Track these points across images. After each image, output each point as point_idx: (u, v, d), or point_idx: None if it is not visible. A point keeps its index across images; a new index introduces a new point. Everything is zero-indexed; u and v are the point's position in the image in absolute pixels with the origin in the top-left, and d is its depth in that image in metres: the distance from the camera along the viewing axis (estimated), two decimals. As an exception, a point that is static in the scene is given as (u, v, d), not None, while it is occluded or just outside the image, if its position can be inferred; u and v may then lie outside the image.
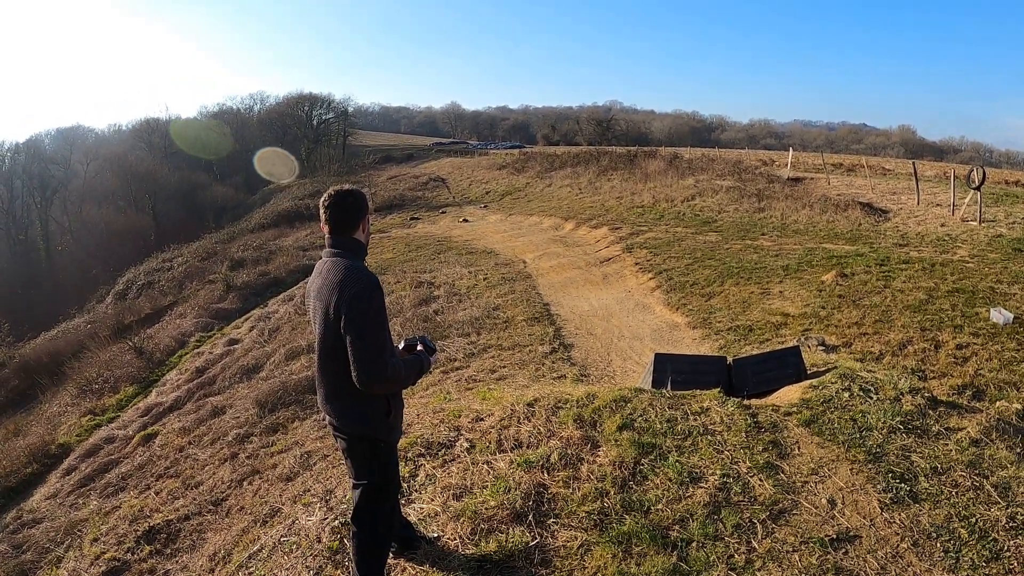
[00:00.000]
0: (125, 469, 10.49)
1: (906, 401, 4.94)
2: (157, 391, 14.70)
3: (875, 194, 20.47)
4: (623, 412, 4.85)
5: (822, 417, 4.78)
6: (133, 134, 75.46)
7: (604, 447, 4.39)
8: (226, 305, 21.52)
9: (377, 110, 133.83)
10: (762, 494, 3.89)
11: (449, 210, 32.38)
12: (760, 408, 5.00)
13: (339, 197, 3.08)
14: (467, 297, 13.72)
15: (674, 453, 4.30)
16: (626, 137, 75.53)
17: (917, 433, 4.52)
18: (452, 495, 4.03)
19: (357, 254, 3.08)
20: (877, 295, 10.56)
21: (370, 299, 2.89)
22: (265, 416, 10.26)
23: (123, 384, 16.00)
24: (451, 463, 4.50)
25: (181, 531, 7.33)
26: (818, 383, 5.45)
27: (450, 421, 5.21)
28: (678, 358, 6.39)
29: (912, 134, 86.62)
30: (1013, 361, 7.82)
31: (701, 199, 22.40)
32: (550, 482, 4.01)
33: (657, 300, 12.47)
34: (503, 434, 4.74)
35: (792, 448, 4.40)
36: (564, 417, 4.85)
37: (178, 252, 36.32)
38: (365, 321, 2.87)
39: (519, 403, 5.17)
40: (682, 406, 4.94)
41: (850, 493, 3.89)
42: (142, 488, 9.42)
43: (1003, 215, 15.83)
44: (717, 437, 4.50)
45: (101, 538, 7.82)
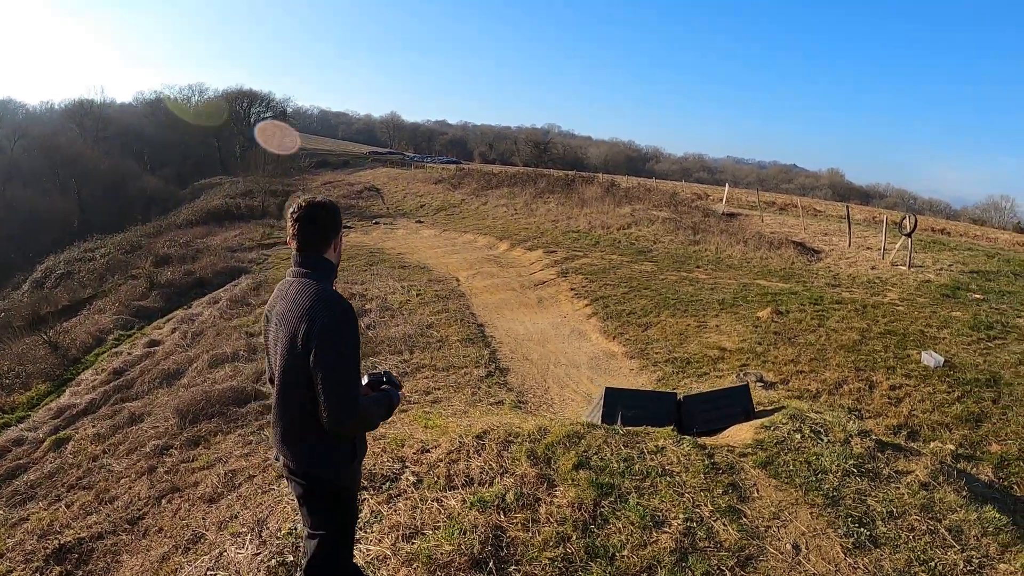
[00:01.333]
0: (34, 476, 9.70)
1: (855, 444, 5.04)
2: (71, 391, 13.77)
3: (807, 234, 21.09)
4: (577, 449, 4.68)
5: (777, 459, 4.79)
6: (65, 114, 71.95)
7: (561, 487, 4.20)
8: (148, 303, 20.45)
9: (316, 113, 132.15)
10: (727, 539, 3.80)
11: (382, 221, 31.83)
12: (716, 448, 4.92)
13: (311, 210, 2.72)
14: (400, 313, 13.37)
15: (634, 495, 4.16)
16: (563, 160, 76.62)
17: (870, 476, 4.59)
18: (402, 536, 3.74)
19: (327, 276, 2.73)
20: (812, 333, 10.76)
21: (342, 331, 2.57)
22: (186, 427, 9.64)
23: (35, 381, 14.96)
24: (397, 499, 4.22)
25: (94, 551, 6.76)
26: (769, 423, 5.44)
27: (393, 451, 4.92)
28: (628, 393, 6.30)
29: (840, 177, 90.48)
30: (944, 403, 8.06)
31: (637, 228, 22.59)
32: (508, 524, 3.79)
33: (593, 327, 12.40)
34: (452, 468, 4.49)
35: (751, 491, 4.36)
36: (517, 452, 4.64)
37: (101, 243, 34.62)
38: (337, 356, 2.54)
39: (467, 435, 4.93)
40: (637, 444, 4.81)
41: (813, 538, 3.90)
42: (52, 499, 8.72)
43: (931, 261, 16.50)
44: (676, 478, 4.39)
45: (7, 554, 7.16)
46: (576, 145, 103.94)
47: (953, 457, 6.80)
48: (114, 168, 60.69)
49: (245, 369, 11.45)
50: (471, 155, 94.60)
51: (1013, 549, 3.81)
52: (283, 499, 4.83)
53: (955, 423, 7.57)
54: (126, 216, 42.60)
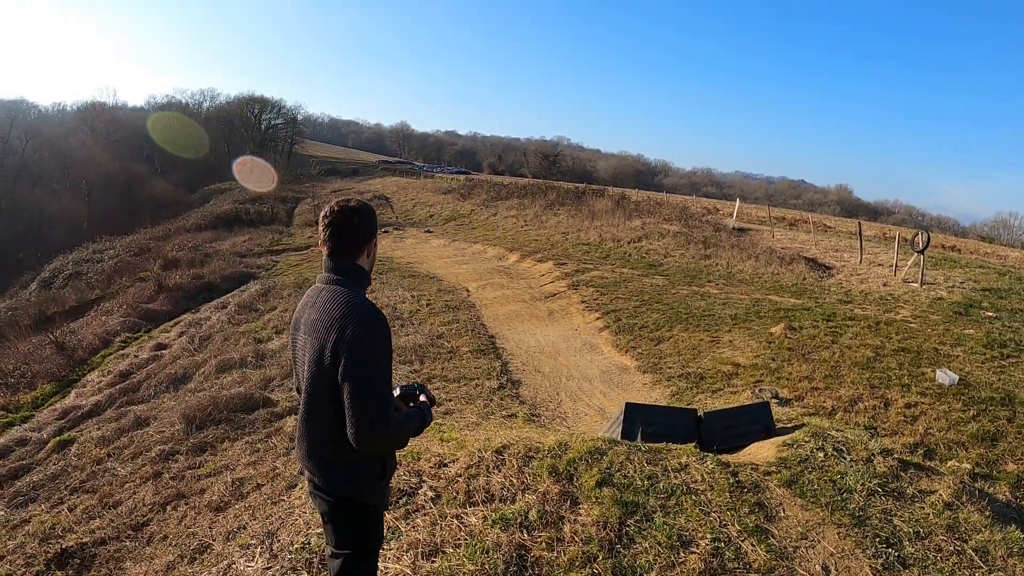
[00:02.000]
0: (37, 478, 9.59)
1: (878, 462, 4.95)
2: (76, 392, 13.70)
3: (818, 249, 20.97)
4: (600, 466, 4.57)
5: (802, 478, 4.70)
6: (77, 116, 72.46)
7: (585, 504, 4.09)
8: (156, 306, 20.45)
9: (326, 121, 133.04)
10: (756, 560, 3.71)
11: (392, 230, 31.81)
12: (739, 466, 4.81)
13: (346, 214, 2.58)
14: (410, 323, 13.30)
15: (659, 514, 4.05)
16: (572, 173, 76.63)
17: (895, 496, 4.52)
18: (421, 554, 3.62)
19: (360, 283, 2.59)
20: (826, 350, 10.64)
21: (375, 343, 2.42)
22: (192, 433, 9.53)
23: (40, 381, 14.92)
24: (416, 514, 4.10)
25: (97, 557, 6.67)
26: (791, 441, 5.34)
27: (409, 464, 4.80)
28: (649, 408, 6.22)
29: (849, 194, 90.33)
30: (960, 421, 7.93)
31: (648, 242, 22.47)
32: (531, 543, 3.67)
33: (605, 341, 12.29)
34: (472, 484, 4.37)
35: (777, 510, 4.27)
36: (538, 468, 4.53)
37: (110, 244, 34.73)
38: (368, 369, 2.39)
39: (486, 450, 4.82)
40: (660, 462, 4.70)
41: (841, 559, 3.82)
42: (55, 502, 8.62)
43: (942, 278, 16.36)
44: (701, 497, 4.28)
45: (7, 556, 7.07)
46: (585, 158, 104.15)
47: (970, 476, 6.69)
48: (124, 171, 61.04)
49: (253, 375, 11.37)
50: (480, 166, 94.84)
51: (1039, 570, 3.72)
52: (295, 511, 4.72)
53: (971, 442, 7.46)
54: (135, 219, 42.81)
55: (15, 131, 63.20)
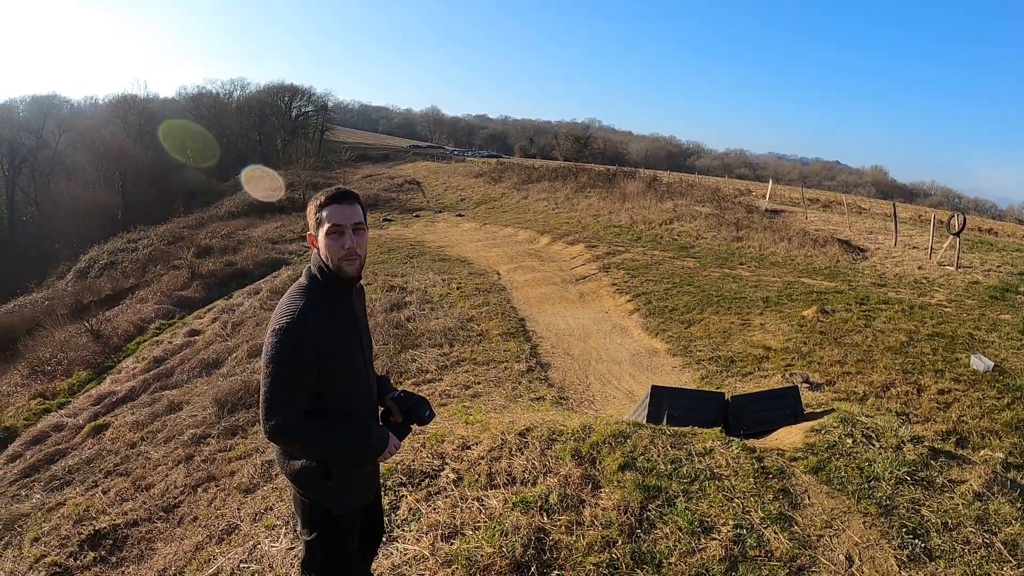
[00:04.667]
0: (72, 462, 9.85)
1: (908, 450, 4.84)
2: (111, 379, 14.04)
3: (852, 232, 20.56)
4: (623, 449, 4.54)
5: (828, 464, 4.61)
6: (109, 109, 73.68)
7: (606, 488, 4.07)
8: (189, 293, 20.85)
9: (357, 107, 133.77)
10: (778, 548, 3.64)
11: (423, 214, 31.93)
12: (765, 452, 4.75)
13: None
14: (440, 306, 13.31)
15: (681, 499, 4.01)
16: (603, 156, 75.98)
17: (923, 485, 4.41)
18: (440, 536, 3.64)
19: (308, 275, 2.59)
20: (858, 334, 10.43)
21: (276, 341, 2.38)
22: (224, 417, 9.71)
23: (76, 368, 15.30)
24: (437, 496, 4.12)
25: (128, 538, 6.82)
26: (819, 427, 5.26)
27: (433, 447, 4.82)
28: (675, 392, 6.15)
29: (884, 175, 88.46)
30: (994, 409, 7.73)
31: (679, 224, 22.24)
32: (551, 527, 3.66)
33: (635, 324, 12.19)
34: (494, 467, 4.37)
35: (802, 497, 4.19)
36: (560, 451, 4.52)
37: (144, 234, 35.37)
38: (266, 365, 2.39)
39: (509, 432, 4.82)
40: (685, 446, 4.66)
41: (866, 549, 3.73)
42: (89, 485, 8.84)
43: (979, 262, 15.95)
44: (725, 483, 4.23)
45: (42, 538, 7.27)
46: (617, 140, 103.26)
47: (1003, 466, 6.51)
48: (157, 161, 62.02)
49: (263, 348, 11.53)
50: (511, 149, 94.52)
51: (1069, 566, 3.60)
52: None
53: (1005, 431, 7.27)
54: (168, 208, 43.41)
55: (48, 125, 64.53)
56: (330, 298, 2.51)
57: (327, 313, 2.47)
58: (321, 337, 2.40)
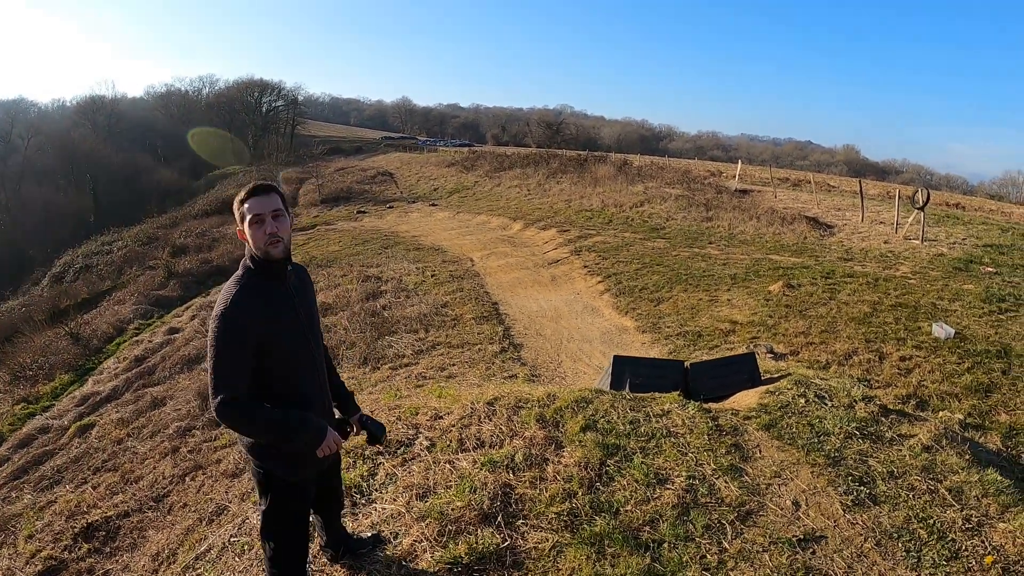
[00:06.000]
0: (60, 461, 10.00)
1: (859, 408, 5.10)
2: (94, 380, 14.12)
3: (820, 209, 20.98)
4: (585, 413, 4.82)
5: (780, 422, 4.87)
6: (77, 111, 72.69)
7: (568, 448, 4.34)
8: (167, 292, 20.85)
9: (327, 101, 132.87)
10: (728, 496, 3.91)
11: (397, 205, 31.99)
12: (720, 412, 5.04)
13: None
14: (415, 293, 13.53)
15: (639, 455, 4.28)
16: (575, 141, 76.16)
17: (872, 439, 4.65)
18: (415, 495, 3.90)
19: (244, 266, 2.76)
20: (823, 306, 10.78)
21: (215, 326, 2.57)
22: (208, 409, 9.86)
23: (58, 371, 15.33)
24: (411, 462, 4.38)
25: (121, 528, 7.02)
26: (774, 389, 5.52)
27: (407, 419, 5.08)
28: (636, 361, 6.41)
29: (856, 154, 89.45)
30: (954, 374, 8.07)
31: (650, 206, 22.56)
32: (516, 483, 3.93)
33: (606, 303, 12.49)
34: (464, 433, 4.63)
35: (754, 451, 4.46)
36: (526, 417, 4.78)
37: (118, 235, 35.11)
38: (209, 345, 2.57)
39: (479, 402, 5.08)
40: (643, 408, 4.94)
41: (813, 495, 3.98)
42: (79, 482, 9.00)
43: (944, 235, 16.39)
44: (680, 439, 4.51)
45: (36, 535, 7.43)
46: (589, 125, 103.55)
47: (961, 426, 6.81)
48: (128, 162, 61.31)
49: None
50: (484, 138, 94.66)
51: (1014, 509, 3.84)
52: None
53: (964, 393, 7.59)
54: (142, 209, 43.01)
55: (17, 130, 63.72)
56: (263, 283, 2.69)
57: (262, 296, 2.65)
58: (256, 318, 2.59)
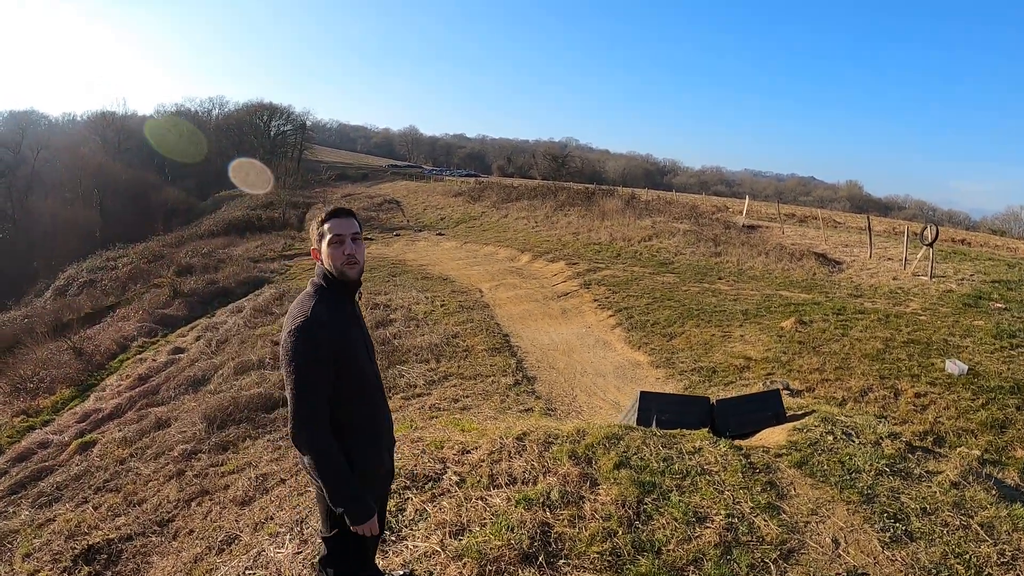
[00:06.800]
0: (60, 478, 9.81)
1: (886, 445, 5.11)
2: (96, 396, 13.94)
3: (828, 245, 20.99)
4: (617, 449, 4.75)
5: (811, 459, 4.87)
6: (87, 126, 73.15)
7: (604, 485, 4.27)
8: (172, 311, 20.71)
9: (335, 127, 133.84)
10: (768, 534, 3.88)
11: (403, 233, 32.11)
12: (751, 449, 4.99)
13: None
14: (425, 323, 13.48)
15: (675, 492, 4.22)
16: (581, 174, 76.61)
17: (902, 475, 4.67)
18: (448, 532, 3.80)
19: (314, 284, 2.75)
20: (836, 343, 10.72)
21: (294, 340, 2.53)
22: (214, 432, 9.74)
23: (59, 385, 15.17)
24: (441, 497, 4.28)
25: (123, 552, 6.85)
26: (801, 426, 5.49)
27: (433, 452, 4.98)
28: (662, 396, 6.38)
29: (859, 189, 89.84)
30: (969, 410, 8.03)
31: (658, 240, 22.54)
32: (554, 521, 3.84)
33: (618, 337, 12.43)
34: (495, 468, 4.55)
35: (788, 489, 4.45)
36: (557, 453, 4.71)
37: (124, 252, 35.07)
38: (288, 365, 2.53)
39: (507, 436, 5.00)
40: (675, 445, 4.88)
41: (851, 533, 3.98)
42: (79, 501, 8.82)
43: (952, 271, 16.38)
44: (715, 477, 4.46)
45: (34, 554, 7.26)
46: (594, 159, 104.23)
47: (979, 462, 6.76)
48: (136, 179, 61.51)
49: (271, 376, 11.54)
50: (490, 168, 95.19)
51: (1044, 544, 3.84)
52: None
53: (980, 429, 7.57)
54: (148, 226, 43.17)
55: (27, 141, 63.82)
56: (336, 300, 2.69)
57: (337, 312, 2.65)
58: (332, 333, 2.57)
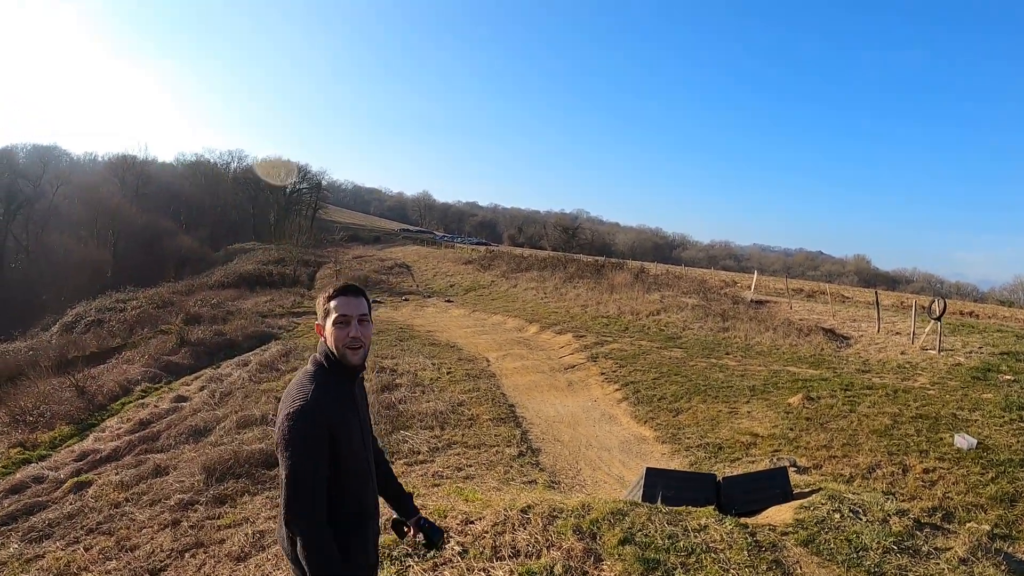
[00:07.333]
0: (53, 515, 9.66)
1: (894, 522, 5.08)
2: (95, 436, 13.83)
3: (836, 320, 20.93)
4: (622, 525, 4.71)
5: (818, 537, 4.84)
6: (108, 167, 73.88)
7: (608, 561, 4.21)
8: (177, 359, 20.71)
9: (350, 188, 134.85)
10: (775, 614, 3.76)
11: (412, 298, 32.33)
12: (757, 527, 4.93)
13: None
14: (431, 389, 13.53)
15: (680, 570, 4.17)
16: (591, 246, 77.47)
17: (910, 553, 4.63)
18: (451, 602, 3.74)
19: (315, 362, 2.66)
20: (843, 419, 10.66)
21: (292, 424, 2.44)
22: (212, 485, 9.64)
23: (59, 421, 15.09)
24: (443, 567, 4.24)
25: (112, 598, 6.71)
26: (808, 504, 5.47)
27: (435, 522, 4.92)
28: (668, 473, 6.38)
29: (866, 263, 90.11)
30: (979, 484, 7.97)
31: (666, 314, 22.54)
32: (557, 596, 3.78)
33: (624, 412, 12.43)
34: (498, 540, 4.51)
35: (794, 567, 4.41)
36: (562, 527, 4.67)
37: (133, 295, 35.25)
38: (284, 450, 2.43)
39: (512, 508, 4.98)
40: (680, 522, 4.83)
41: None
42: (70, 540, 8.67)
43: (960, 344, 16.30)
44: (720, 555, 4.40)
45: (21, 590, 7.12)
46: (604, 231, 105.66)
47: (989, 537, 6.66)
48: (151, 224, 62.22)
49: (274, 434, 11.47)
50: (500, 237, 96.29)
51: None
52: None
53: (990, 504, 7.51)
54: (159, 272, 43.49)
55: (47, 176, 64.72)
56: (336, 383, 2.60)
57: (336, 397, 2.56)
58: (333, 420, 2.49)
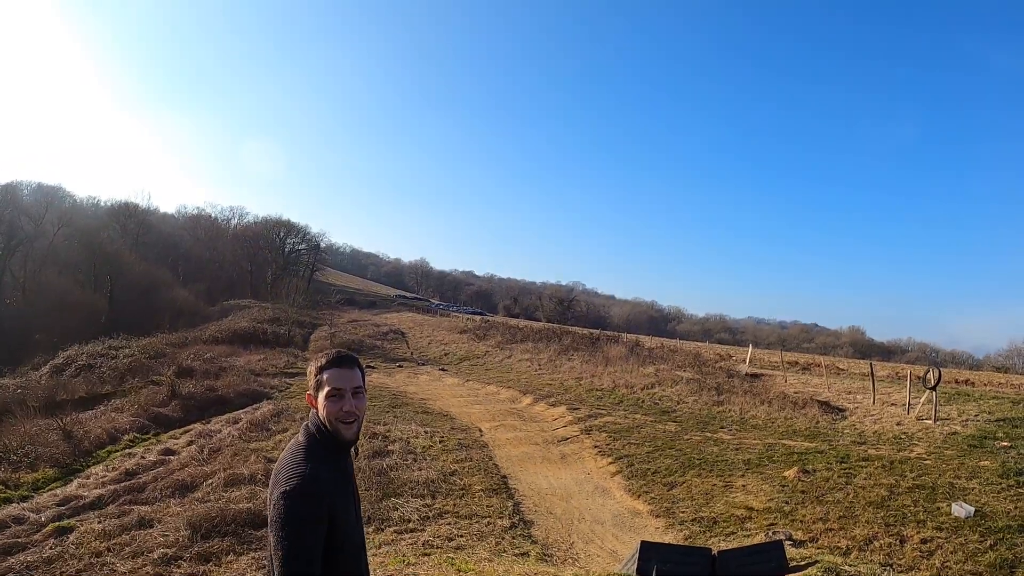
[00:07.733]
0: (31, 558, 9.46)
1: None
2: (79, 482, 13.57)
3: (831, 392, 20.94)
4: (616, 595, 4.61)
5: None
6: (109, 213, 73.83)
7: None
8: (167, 411, 20.50)
9: (348, 251, 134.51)
10: None
11: (406, 365, 32.38)
12: (753, 601, 4.82)
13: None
14: (423, 458, 13.54)
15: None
16: (586, 318, 77.90)
17: None
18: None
19: (306, 432, 2.51)
20: (840, 491, 10.65)
21: (287, 504, 2.27)
22: (198, 541, 9.50)
23: (43, 464, 14.80)
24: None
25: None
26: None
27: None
28: (664, 547, 6.36)
29: (861, 334, 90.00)
30: (977, 552, 7.97)
31: (661, 388, 22.60)
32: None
33: (617, 485, 12.44)
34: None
35: None
36: (557, 598, 4.58)
37: (127, 343, 34.93)
38: (279, 531, 2.25)
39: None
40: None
41: None
42: (47, 586, 8.46)
43: (956, 413, 16.32)
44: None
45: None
46: (599, 303, 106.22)
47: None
48: (148, 273, 62.15)
49: (262, 493, 11.34)
50: (495, 307, 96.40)
51: None
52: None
53: (989, 571, 7.51)
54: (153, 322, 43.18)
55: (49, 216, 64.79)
56: (328, 458, 2.47)
57: (331, 472, 2.44)
58: (331, 499, 2.36)
